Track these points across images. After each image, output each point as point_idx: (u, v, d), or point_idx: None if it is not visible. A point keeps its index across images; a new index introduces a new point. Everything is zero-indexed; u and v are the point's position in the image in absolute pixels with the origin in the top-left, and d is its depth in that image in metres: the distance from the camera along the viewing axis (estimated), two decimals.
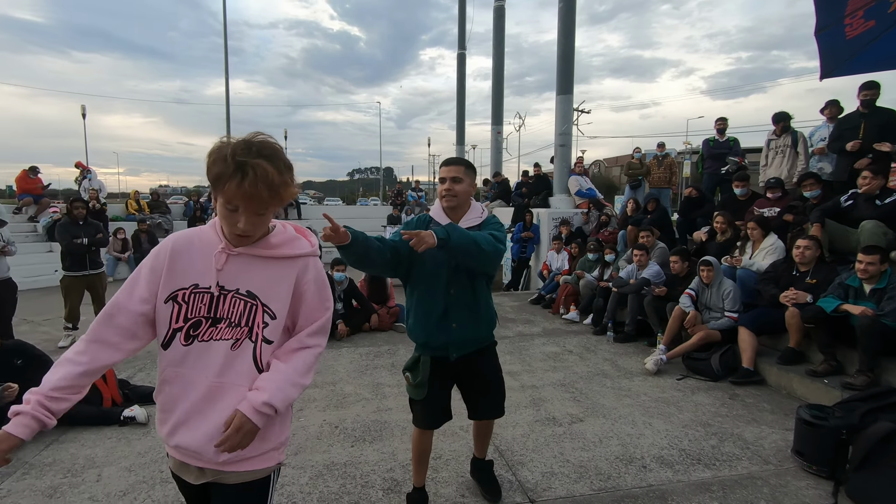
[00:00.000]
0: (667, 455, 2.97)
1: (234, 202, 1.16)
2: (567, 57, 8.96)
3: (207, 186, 5.84)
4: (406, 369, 2.26)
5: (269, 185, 1.14)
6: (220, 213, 1.22)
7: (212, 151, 1.16)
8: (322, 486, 2.62)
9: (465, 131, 17.02)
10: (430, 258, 2.06)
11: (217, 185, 1.16)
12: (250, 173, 1.12)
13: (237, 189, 1.13)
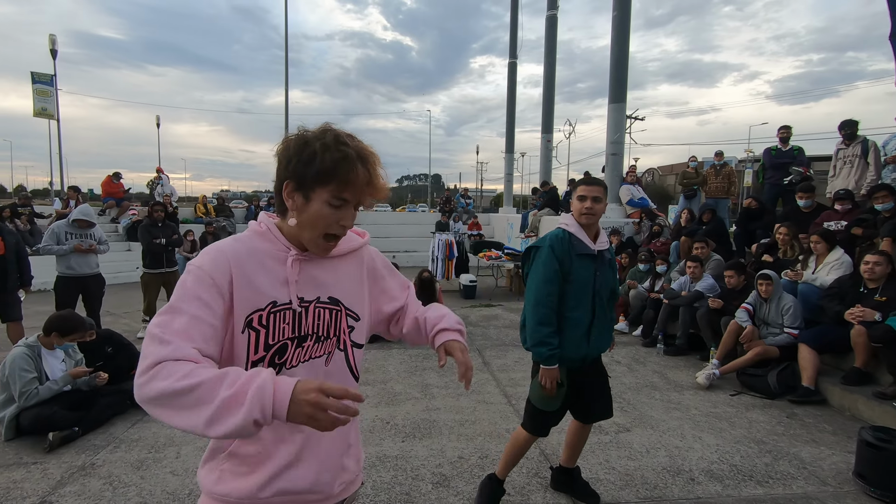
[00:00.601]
0: (716, 469, 2.93)
1: (347, 195, 1.02)
2: (620, 65, 8.88)
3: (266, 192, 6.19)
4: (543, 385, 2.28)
5: (383, 175, 1.06)
6: (314, 213, 1.02)
7: (308, 141, 1.01)
8: (375, 476, 2.79)
9: (515, 139, 17.07)
10: (578, 276, 2.25)
11: (327, 178, 0.99)
12: (370, 160, 1.03)
13: (357, 179, 1.00)
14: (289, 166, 1.02)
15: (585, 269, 2.25)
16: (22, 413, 3.11)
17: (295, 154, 1.01)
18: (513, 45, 16.58)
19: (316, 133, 1.03)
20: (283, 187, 1.03)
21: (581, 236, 2.27)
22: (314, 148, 1.00)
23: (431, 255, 9.81)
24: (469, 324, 6.49)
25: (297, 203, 1.03)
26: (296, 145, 1.02)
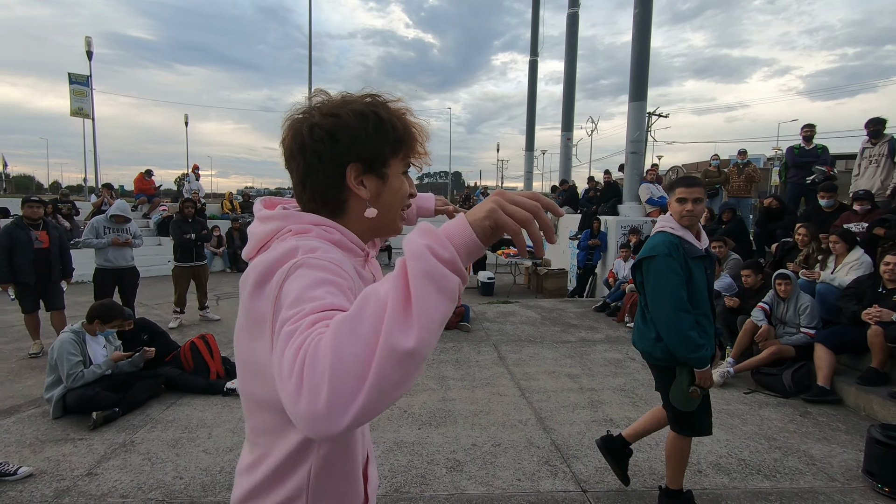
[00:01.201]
0: (724, 463, 3.00)
1: (413, 159, 0.89)
2: (641, 63, 8.84)
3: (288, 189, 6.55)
4: (691, 384, 2.26)
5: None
6: (395, 191, 0.86)
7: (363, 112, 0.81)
8: (393, 460, 2.95)
9: (536, 136, 17.05)
10: (695, 279, 2.25)
11: (400, 145, 0.85)
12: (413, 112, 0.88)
13: (421, 138, 0.88)
14: (356, 146, 0.80)
15: (700, 271, 2.26)
16: (68, 394, 3.36)
17: (358, 129, 0.80)
18: (534, 43, 16.54)
19: (356, 98, 0.84)
20: (347, 175, 0.81)
21: (689, 238, 2.26)
22: (378, 114, 0.82)
23: None
24: (486, 319, 6.61)
25: (373, 187, 0.83)
26: (352, 119, 0.80)
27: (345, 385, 0.52)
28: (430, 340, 0.55)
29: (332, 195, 0.83)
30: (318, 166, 0.81)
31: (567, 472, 2.85)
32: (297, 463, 0.78)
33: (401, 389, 0.55)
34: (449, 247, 0.59)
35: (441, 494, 2.61)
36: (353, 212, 0.84)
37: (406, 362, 0.54)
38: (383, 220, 0.87)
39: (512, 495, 2.61)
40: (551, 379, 4.41)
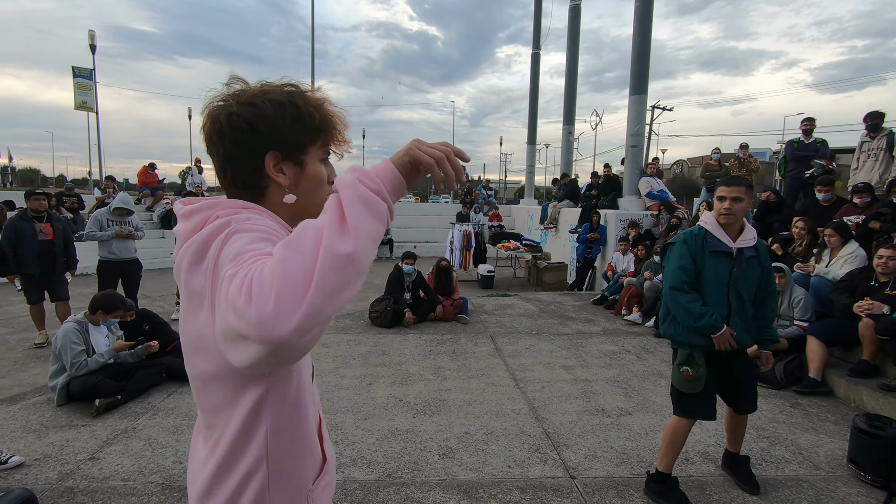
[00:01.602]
0: (712, 452, 3.06)
1: (333, 145, 0.92)
2: (642, 57, 8.82)
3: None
4: (682, 364, 2.45)
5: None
6: (315, 177, 0.88)
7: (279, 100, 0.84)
8: (386, 447, 3.02)
9: (539, 130, 17.04)
10: (712, 272, 2.42)
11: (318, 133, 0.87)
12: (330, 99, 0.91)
13: (340, 124, 0.91)
14: (273, 135, 0.82)
15: (720, 266, 2.39)
16: (72, 381, 3.44)
17: (276, 117, 0.82)
18: (536, 36, 16.49)
19: (274, 87, 0.86)
20: (265, 163, 0.83)
21: (719, 234, 2.41)
22: (295, 103, 0.84)
23: (449, 245, 9.99)
24: (484, 312, 6.67)
25: (292, 174, 0.86)
26: (269, 108, 0.82)
27: (291, 290, 0.57)
28: (366, 249, 0.62)
29: (251, 181, 0.85)
30: (236, 153, 0.83)
31: (557, 460, 2.92)
32: (253, 429, 0.80)
33: (343, 295, 0.60)
34: (376, 179, 0.68)
35: (432, 480, 2.68)
36: (273, 197, 0.86)
37: (347, 267, 0.60)
38: (303, 206, 0.88)
39: (501, 481, 2.68)
40: (546, 370, 4.47)
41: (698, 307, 2.36)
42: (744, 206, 2.36)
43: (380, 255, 13.83)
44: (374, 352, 4.89)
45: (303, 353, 0.61)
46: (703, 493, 2.61)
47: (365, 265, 0.63)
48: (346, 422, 3.35)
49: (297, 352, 0.60)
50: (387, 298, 6.01)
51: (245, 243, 0.68)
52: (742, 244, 2.41)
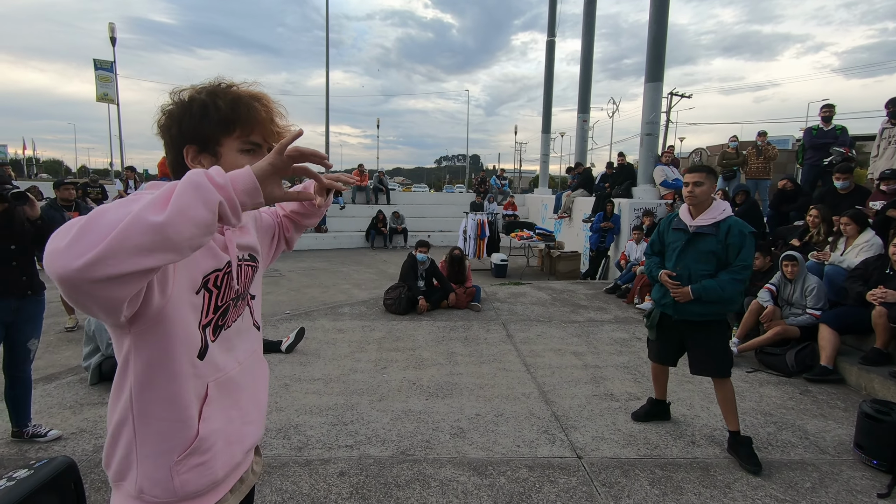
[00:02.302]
0: (718, 435, 3.12)
1: (255, 137, 0.98)
2: (658, 43, 8.71)
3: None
4: (646, 316, 3.21)
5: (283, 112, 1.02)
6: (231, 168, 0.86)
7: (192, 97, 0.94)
8: (400, 426, 3.14)
9: (555, 119, 16.92)
10: (671, 246, 2.93)
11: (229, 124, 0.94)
12: (263, 97, 0.99)
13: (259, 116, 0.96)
14: (182, 130, 0.93)
15: (676, 239, 2.90)
16: (104, 361, 3.63)
17: (184, 115, 0.93)
18: (551, 23, 16.30)
19: (195, 89, 0.96)
20: (185, 155, 0.94)
21: (683, 216, 2.87)
22: (202, 99, 0.93)
23: (462, 234, 10.06)
24: (497, 300, 6.76)
25: (207, 165, 0.93)
26: (180, 107, 0.94)
27: (90, 234, 0.63)
28: (179, 223, 0.67)
29: (179, 171, 0.95)
30: (166, 148, 0.97)
31: (565, 441, 3.01)
32: (123, 382, 0.89)
33: (142, 256, 0.64)
34: (224, 176, 0.74)
35: (444, 457, 2.79)
36: None
37: (151, 232, 0.65)
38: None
39: (510, 459, 2.78)
40: (557, 356, 4.55)
41: (650, 262, 3.06)
42: (705, 189, 2.74)
43: (394, 245, 13.98)
44: (389, 337, 5.02)
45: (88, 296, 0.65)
46: (708, 474, 2.68)
47: (173, 239, 0.67)
48: (362, 402, 3.48)
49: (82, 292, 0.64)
50: (401, 286, 6.13)
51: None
52: (700, 222, 2.77)
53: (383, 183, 16.53)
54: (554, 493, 2.48)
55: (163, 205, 0.68)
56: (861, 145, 8.30)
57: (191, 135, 0.93)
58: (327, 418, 3.23)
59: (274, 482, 2.51)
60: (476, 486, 2.53)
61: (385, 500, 2.39)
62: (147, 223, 0.65)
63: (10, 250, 2.60)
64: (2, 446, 2.84)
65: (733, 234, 2.73)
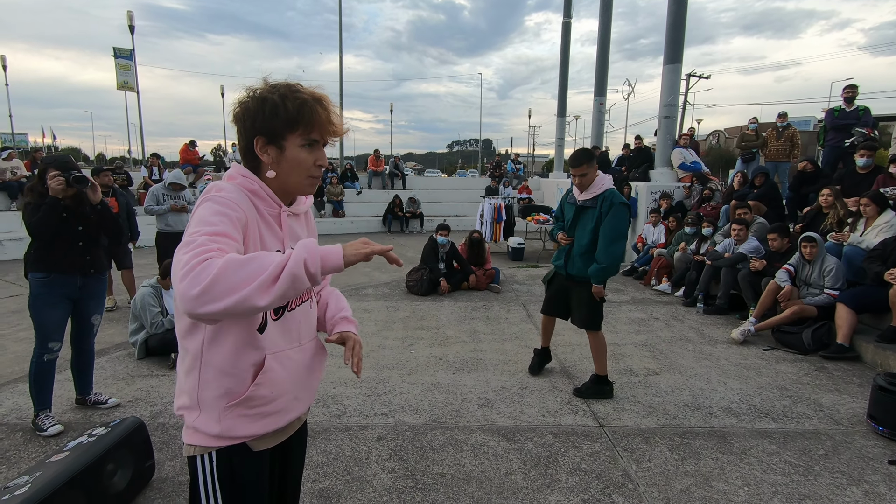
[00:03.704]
0: (735, 407, 3.25)
1: (315, 135, 1.13)
2: (677, 24, 8.62)
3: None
4: (546, 275, 3.75)
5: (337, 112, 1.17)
6: (293, 159, 1.11)
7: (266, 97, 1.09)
8: (430, 397, 3.33)
9: (570, 101, 16.79)
10: (567, 217, 3.47)
11: (294, 123, 1.09)
12: (324, 100, 1.14)
13: (320, 119, 1.11)
14: (255, 123, 1.09)
15: (570, 212, 3.44)
16: (150, 338, 3.87)
17: (258, 111, 1.09)
18: (567, 2, 16.08)
19: (268, 88, 1.11)
20: (255, 144, 1.10)
21: (574, 191, 3.40)
22: (274, 100, 1.08)
23: (479, 218, 10.17)
24: (515, 282, 6.91)
25: (273, 155, 1.11)
26: (255, 103, 1.09)
27: (216, 290, 0.84)
28: (276, 303, 0.90)
29: (249, 157, 1.14)
30: (240, 136, 1.13)
31: (587, 411, 3.18)
32: (195, 333, 1.09)
33: (234, 313, 0.87)
34: (318, 264, 0.92)
35: (473, 425, 2.98)
36: (262, 171, 1.13)
37: (252, 310, 0.87)
38: (286, 181, 1.14)
39: (536, 427, 2.96)
40: (576, 335, 4.69)
41: (555, 227, 3.61)
42: (589, 176, 3.25)
43: (411, 229, 14.15)
44: (413, 317, 5.21)
45: (210, 323, 1.03)
46: (725, 442, 2.83)
47: (270, 308, 0.94)
48: (392, 376, 3.68)
49: (203, 322, 1.00)
50: (422, 268, 6.30)
51: (207, 213, 1.00)
52: (584, 197, 3.29)
53: (399, 168, 16.65)
54: (579, 456, 2.65)
55: (268, 289, 0.88)
56: (885, 126, 8.20)
57: (261, 128, 1.09)
58: (362, 390, 3.43)
59: (318, 445, 2.72)
60: (505, 449, 2.71)
61: (422, 461, 2.59)
62: (251, 306, 0.87)
63: (77, 231, 2.81)
64: (68, 412, 3.09)
65: (605, 204, 3.21)
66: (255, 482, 1.17)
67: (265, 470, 1.21)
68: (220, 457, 1.12)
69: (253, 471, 1.17)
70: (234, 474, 1.13)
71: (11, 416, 3.03)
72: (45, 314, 2.77)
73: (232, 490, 1.14)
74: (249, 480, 1.16)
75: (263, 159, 1.11)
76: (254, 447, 1.16)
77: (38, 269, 2.75)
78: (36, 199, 2.72)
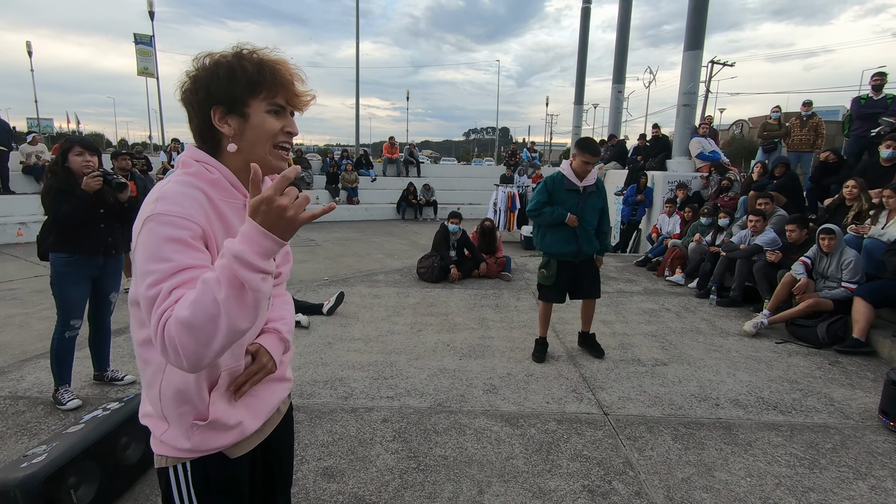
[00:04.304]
0: (743, 399, 3.23)
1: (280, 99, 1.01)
2: (699, 9, 8.39)
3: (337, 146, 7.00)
4: (541, 267, 3.79)
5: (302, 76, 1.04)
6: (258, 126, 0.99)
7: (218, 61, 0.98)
8: (436, 382, 3.37)
9: (588, 89, 16.54)
10: (565, 202, 3.62)
11: (256, 86, 0.97)
12: (283, 63, 1.01)
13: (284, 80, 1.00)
14: (210, 91, 0.96)
15: (571, 199, 3.62)
16: None
17: (211, 78, 0.96)
18: None
19: (219, 53, 1.00)
20: (212, 116, 0.97)
21: (571, 178, 3.62)
22: (229, 62, 0.97)
23: (493, 206, 10.14)
24: (527, 270, 6.89)
25: (235, 125, 0.98)
26: (207, 71, 0.97)
27: (195, 353, 0.80)
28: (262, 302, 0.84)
29: (207, 135, 1.00)
30: (192, 113, 1.00)
31: (592, 399, 3.18)
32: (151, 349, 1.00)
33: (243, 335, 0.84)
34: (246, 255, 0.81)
35: (478, 409, 3.01)
36: (223, 147, 1.00)
37: (244, 329, 0.83)
38: (250, 154, 1.00)
39: (540, 413, 2.98)
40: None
41: (550, 210, 3.61)
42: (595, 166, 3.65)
43: (424, 217, 14.17)
44: (423, 303, 5.25)
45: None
46: (730, 433, 2.81)
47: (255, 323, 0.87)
48: (400, 360, 3.72)
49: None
50: (433, 255, 6.33)
51: (156, 243, 0.85)
52: (587, 183, 3.62)
53: (414, 156, 16.64)
54: (581, 443, 2.67)
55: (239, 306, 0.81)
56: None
57: (218, 96, 0.96)
58: (368, 373, 3.49)
59: (324, 425, 2.78)
60: (508, 434, 2.74)
61: (425, 444, 2.63)
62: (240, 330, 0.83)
63: (99, 214, 2.88)
64: (87, 387, 3.21)
65: (600, 186, 3.75)
66: (233, 489, 1.11)
67: (244, 474, 1.14)
68: (195, 467, 1.05)
69: (231, 478, 1.10)
70: (210, 482, 1.07)
71: (33, 391, 3.16)
72: (68, 293, 2.86)
73: (209, 499, 1.07)
74: (228, 488, 1.10)
75: (224, 131, 0.98)
76: (231, 454, 1.08)
77: (63, 250, 2.84)
78: (58, 183, 2.79)
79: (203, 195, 0.95)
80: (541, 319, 3.89)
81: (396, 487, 2.28)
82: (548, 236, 3.71)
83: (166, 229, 0.87)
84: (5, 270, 6.81)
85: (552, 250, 3.69)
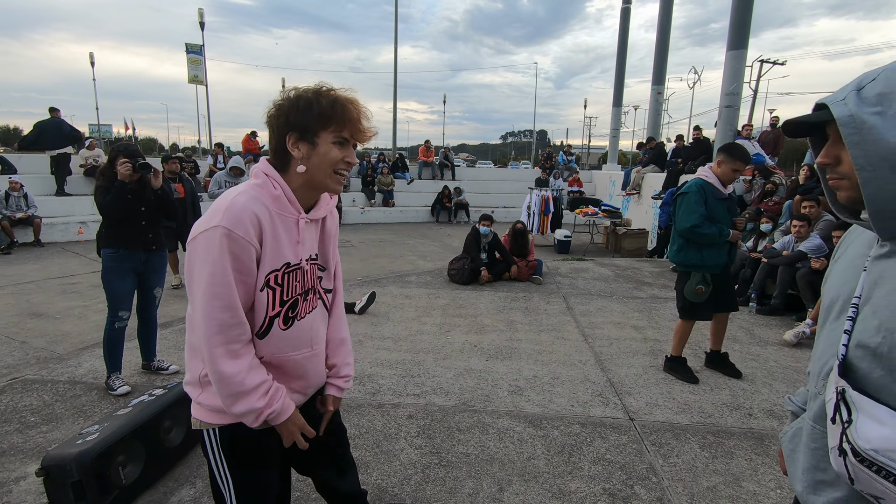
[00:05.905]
0: (778, 410, 3.12)
1: (346, 133, 1.19)
2: (744, 7, 8.11)
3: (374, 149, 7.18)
4: (698, 284, 3.40)
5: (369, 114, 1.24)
6: (323, 155, 1.17)
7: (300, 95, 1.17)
8: (462, 382, 3.43)
9: (629, 91, 16.23)
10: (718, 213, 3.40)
11: (326, 120, 1.15)
12: (356, 101, 1.21)
13: (351, 117, 1.18)
14: (289, 119, 1.15)
15: (720, 208, 3.41)
16: None
17: (291, 108, 1.15)
18: None
19: (303, 88, 1.18)
20: (287, 140, 1.16)
21: (718, 186, 3.39)
22: (308, 97, 1.15)
23: (526, 209, 10.11)
24: (559, 275, 6.85)
25: (304, 151, 1.16)
26: (289, 102, 1.16)
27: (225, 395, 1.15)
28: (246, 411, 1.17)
29: (280, 154, 1.20)
30: (273, 134, 1.20)
31: (618, 404, 3.16)
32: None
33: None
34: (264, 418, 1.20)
35: (502, 410, 3.04)
36: (292, 167, 1.20)
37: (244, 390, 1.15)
38: (314, 177, 1.20)
39: (564, 416, 2.98)
40: (616, 329, 4.63)
41: (717, 230, 3.33)
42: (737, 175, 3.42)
43: (458, 220, 14.25)
44: (452, 305, 5.31)
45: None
46: (762, 444, 2.73)
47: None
48: (427, 360, 3.80)
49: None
50: (464, 257, 6.38)
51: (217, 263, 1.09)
52: (730, 190, 3.48)
53: (449, 159, 16.76)
54: (604, 447, 2.66)
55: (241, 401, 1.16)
56: None
57: (295, 124, 1.15)
58: (397, 371, 3.58)
59: (351, 419, 2.89)
60: (531, 435, 2.76)
61: (448, 441, 2.69)
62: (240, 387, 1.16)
63: (140, 211, 3.11)
64: (135, 376, 3.44)
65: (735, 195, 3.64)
66: (260, 457, 1.28)
67: (274, 444, 1.29)
68: (223, 433, 1.23)
69: (258, 447, 1.26)
70: (236, 449, 1.24)
71: (89, 377, 3.42)
72: (115, 285, 3.10)
73: (235, 462, 1.25)
74: (255, 455, 1.27)
75: (295, 154, 1.17)
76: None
77: (109, 245, 3.08)
78: (106, 182, 3.05)
79: (266, 210, 1.14)
80: (682, 338, 3.62)
81: (418, 481, 2.35)
82: (704, 249, 3.41)
83: (227, 251, 1.09)
84: (68, 266, 7.33)
85: (709, 262, 3.40)
